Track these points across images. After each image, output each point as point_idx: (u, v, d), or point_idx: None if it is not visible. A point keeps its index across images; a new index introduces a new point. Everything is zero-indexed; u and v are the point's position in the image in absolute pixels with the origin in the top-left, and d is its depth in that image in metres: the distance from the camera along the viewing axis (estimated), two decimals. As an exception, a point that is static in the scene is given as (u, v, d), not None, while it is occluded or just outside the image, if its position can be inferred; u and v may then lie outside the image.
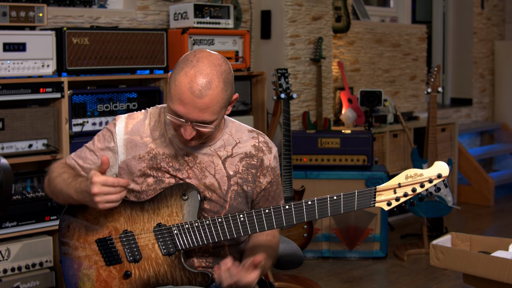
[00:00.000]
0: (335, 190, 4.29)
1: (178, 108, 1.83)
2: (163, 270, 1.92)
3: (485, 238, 2.62)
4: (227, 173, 2.00)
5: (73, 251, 1.97)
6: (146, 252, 1.92)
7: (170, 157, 1.98)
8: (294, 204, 1.88)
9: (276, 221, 1.89)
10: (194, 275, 1.91)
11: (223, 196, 1.99)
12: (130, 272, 1.91)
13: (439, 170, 1.83)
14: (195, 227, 1.91)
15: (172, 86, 1.84)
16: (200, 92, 1.80)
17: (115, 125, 2.02)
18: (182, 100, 1.81)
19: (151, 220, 1.94)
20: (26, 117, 3.17)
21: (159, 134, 2.00)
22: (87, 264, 1.94)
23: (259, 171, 2.04)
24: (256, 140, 2.06)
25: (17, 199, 3.18)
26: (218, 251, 2.02)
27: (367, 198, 1.84)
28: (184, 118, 1.84)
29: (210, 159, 1.99)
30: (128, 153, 1.99)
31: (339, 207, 1.85)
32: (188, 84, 1.80)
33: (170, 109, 1.86)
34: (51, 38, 3.25)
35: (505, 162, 6.92)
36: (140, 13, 4.08)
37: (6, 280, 3.16)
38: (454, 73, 6.86)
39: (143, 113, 2.05)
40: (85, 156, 2.05)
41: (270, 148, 2.07)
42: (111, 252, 1.93)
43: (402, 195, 1.84)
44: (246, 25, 4.69)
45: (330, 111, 5.01)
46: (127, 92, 3.54)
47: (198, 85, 1.80)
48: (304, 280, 3.88)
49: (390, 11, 6.26)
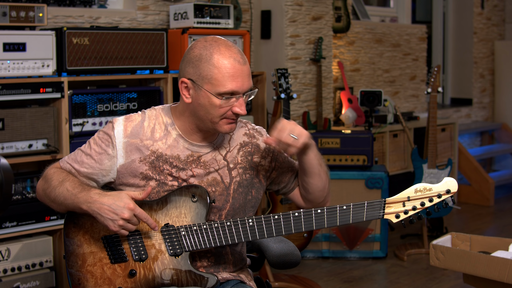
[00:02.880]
0: (335, 190, 4.29)
1: (232, 85, 1.87)
2: (169, 270, 1.91)
3: (485, 238, 2.62)
4: (228, 167, 2.02)
5: (77, 247, 1.95)
6: (152, 252, 1.92)
7: (173, 157, 1.97)
8: (303, 211, 1.90)
9: (285, 227, 1.90)
10: (199, 277, 1.91)
11: (226, 189, 2.00)
12: (135, 271, 1.91)
13: (448, 186, 1.88)
14: (203, 229, 1.91)
15: (213, 70, 1.86)
16: (243, 59, 1.89)
17: (114, 128, 1.98)
18: (233, 75, 1.86)
19: (159, 220, 1.93)
20: (26, 117, 3.17)
21: (160, 136, 1.99)
22: (91, 261, 1.93)
23: (256, 155, 2.06)
24: (246, 128, 2.10)
25: (17, 199, 3.18)
26: (220, 251, 2.02)
27: (376, 209, 1.88)
28: (239, 92, 1.88)
29: (213, 156, 2.00)
30: (128, 156, 1.97)
31: (348, 217, 1.88)
32: (231, 58, 1.87)
33: (222, 93, 1.87)
34: (51, 38, 3.25)
35: (505, 162, 6.92)
36: (140, 13, 4.08)
37: (6, 280, 3.16)
38: (454, 73, 6.86)
39: (141, 115, 2.02)
40: (82, 160, 2.00)
41: (260, 132, 2.11)
42: (117, 250, 1.92)
43: (410, 209, 1.88)
44: (246, 25, 4.69)
45: (330, 111, 5.01)
46: (127, 92, 3.54)
47: (238, 55, 1.89)
48: (304, 280, 3.88)
49: (390, 11, 6.27)
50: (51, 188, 1.95)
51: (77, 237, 1.95)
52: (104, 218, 1.82)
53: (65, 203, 1.91)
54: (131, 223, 1.83)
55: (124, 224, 1.82)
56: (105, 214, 1.82)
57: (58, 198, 1.93)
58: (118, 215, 1.80)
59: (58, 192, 1.93)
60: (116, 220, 1.81)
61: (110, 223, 1.82)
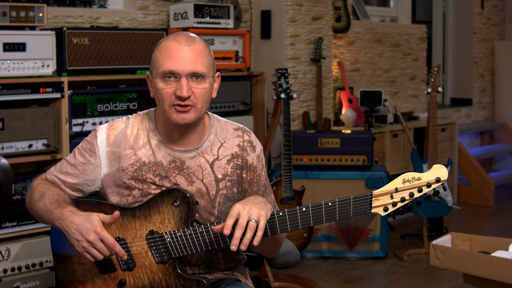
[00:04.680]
0: (335, 190, 4.29)
1: (169, 65, 1.83)
2: (158, 278, 1.88)
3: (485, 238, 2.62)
4: (216, 177, 1.95)
5: (66, 258, 1.94)
6: (139, 260, 1.89)
7: (156, 165, 1.93)
8: (288, 210, 1.82)
9: (270, 228, 1.83)
10: (189, 282, 1.88)
11: (211, 202, 1.95)
12: (125, 281, 1.88)
13: (437, 174, 1.78)
14: (187, 235, 1.87)
15: (157, 54, 1.86)
16: (187, 41, 1.85)
17: (96, 137, 1.95)
18: (171, 55, 1.83)
19: (143, 227, 1.89)
20: (26, 117, 3.17)
21: (143, 142, 1.95)
22: (81, 272, 1.92)
23: (243, 171, 1.99)
24: (241, 139, 2.00)
25: (17, 199, 3.18)
26: (211, 258, 1.99)
27: (362, 204, 1.79)
28: (177, 72, 1.82)
29: (197, 163, 1.94)
30: (112, 165, 1.94)
31: (334, 214, 1.80)
32: (173, 41, 1.85)
33: (161, 74, 1.84)
34: (51, 38, 3.25)
35: (505, 162, 6.92)
36: (140, 13, 4.08)
37: (6, 280, 3.16)
38: (454, 73, 6.86)
39: (124, 122, 1.98)
40: (66, 170, 1.98)
41: (254, 147, 2.01)
42: (104, 261, 1.89)
43: (399, 200, 1.78)
44: (246, 25, 4.69)
45: (330, 111, 5.01)
46: (127, 92, 3.54)
47: (183, 37, 1.86)
48: (304, 280, 3.88)
49: (390, 11, 6.27)
50: (33, 201, 1.94)
51: (65, 249, 1.94)
52: (71, 237, 1.78)
53: (43, 217, 1.90)
54: (97, 249, 1.75)
55: (88, 247, 1.75)
56: (71, 233, 1.77)
57: (37, 212, 1.92)
58: (83, 235, 1.75)
59: (38, 206, 1.91)
60: (80, 241, 1.75)
61: (75, 242, 1.77)
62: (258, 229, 1.74)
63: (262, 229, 1.75)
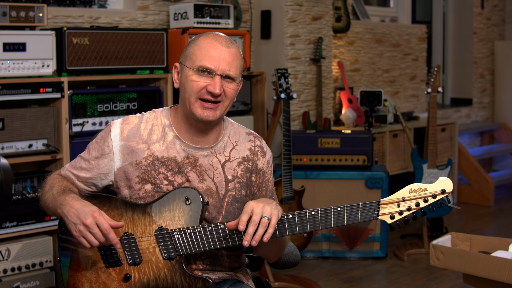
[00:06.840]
0: (335, 190, 4.29)
1: (207, 61, 1.90)
2: (163, 274, 1.90)
3: (485, 238, 2.62)
4: (226, 178, 2.00)
5: (72, 251, 1.95)
6: (146, 256, 1.91)
7: (170, 160, 1.96)
8: (297, 214, 1.87)
9: (279, 230, 1.87)
10: (194, 280, 1.90)
11: (220, 201, 1.98)
12: (130, 275, 1.90)
13: (443, 186, 1.86)
14: (197, 232, 1.90)
15: (195, 48, 1.93)
16: (227, 43, 1.93)
17: (110, 131, 1.98)
18: (211, 53, 1.90)
19: (153, 223, 1.92)
20: (26, 117, 3.17)
21: (157, 137, 1.98)
22: (86, 265, 1.93)
23: (253, 174, 2.05)
24: (253, 143, 2.07)
25: (17, 199, 3.18)
26: (216, 254, 2.01)
27: (370, 210, 1.86)
28: (213, 70, 1.90)
29: (210, 162, 1.99)
30: (125, 159, 1.97)
31: (342, 219, 1.86)
32: (213, 39, 1.93)
33: (197, 67, 1.90)
34: (51, 38, 3.25)
35: (505, 162, 6.92)
36: (140, 13, 4.08)
37: (6, 280, 3.16)
38: (454, 73, 6.86)
39: (138, 117, 2.02)
40: (80, 165, 2.02)
41: (264, 153, 2.08)
42: (111, 254, 1.91)
43: (405, 209, 1.86)
44: (246, 25, 4.69)
45: (330, 111, 5.01)
46: (127, 92, 3.54)
47: (223, 38, 1.94)
48: (304, 280, 3.88)
49: (390, 11, 6.27)
50: (43, 193, 1.99)
51: (71, 241, 1.95)
52: (69, 221, 1.81)
53: (49, 207, 1.94)
54: (93, 234, 1.77)
55: (84, 231, 1.77)
56: (70, 217, 1.80)
57: (45, 202, 1.97)
58: (80, 219, 1.78)
59: (46, 197, 1.96)
60: (77, 225, 1.78)
61: (72, 226, 1.80)
62: (269, 226, 1.80)
63: (273, 227, 1.81)
